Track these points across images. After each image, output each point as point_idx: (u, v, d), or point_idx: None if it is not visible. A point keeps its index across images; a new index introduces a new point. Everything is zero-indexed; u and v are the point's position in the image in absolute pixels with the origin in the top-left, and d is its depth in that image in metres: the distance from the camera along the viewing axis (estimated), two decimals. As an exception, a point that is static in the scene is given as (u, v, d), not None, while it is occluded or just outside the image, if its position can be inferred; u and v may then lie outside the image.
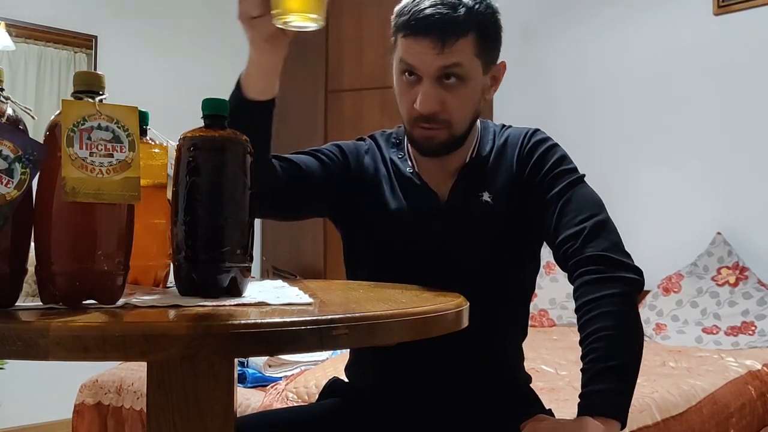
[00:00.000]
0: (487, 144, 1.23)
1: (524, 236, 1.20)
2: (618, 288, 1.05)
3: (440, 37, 1.08)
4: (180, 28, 3.82)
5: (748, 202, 3.17)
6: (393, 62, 1.18)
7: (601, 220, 1.11)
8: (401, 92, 1.16)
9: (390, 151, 1.26)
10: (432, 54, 1.09)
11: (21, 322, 0.64)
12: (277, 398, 1.97)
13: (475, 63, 1.12)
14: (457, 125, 1.14)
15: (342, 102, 3.70)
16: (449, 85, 1.11)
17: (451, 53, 1.09)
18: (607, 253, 1.08)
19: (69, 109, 0.71)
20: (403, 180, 1.22)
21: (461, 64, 1.10)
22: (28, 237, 0.72)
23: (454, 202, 1.20)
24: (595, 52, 3.68)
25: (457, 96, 1.12)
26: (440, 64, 1.09)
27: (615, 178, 3.48)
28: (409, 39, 1.11)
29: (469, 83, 1.13)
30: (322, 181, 1.19)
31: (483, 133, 1.24)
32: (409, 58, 1.11)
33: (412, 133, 1.16)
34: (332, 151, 1.25)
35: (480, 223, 1.19)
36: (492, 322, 1.13)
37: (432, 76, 1.10)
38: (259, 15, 0.97)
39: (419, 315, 0.77)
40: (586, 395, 1.01)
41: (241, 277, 0.82)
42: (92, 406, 2.33)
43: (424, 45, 1.09)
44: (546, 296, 3.43)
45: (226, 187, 0.81)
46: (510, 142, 1.22)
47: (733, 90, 3.23)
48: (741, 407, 2.32)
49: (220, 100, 0.84)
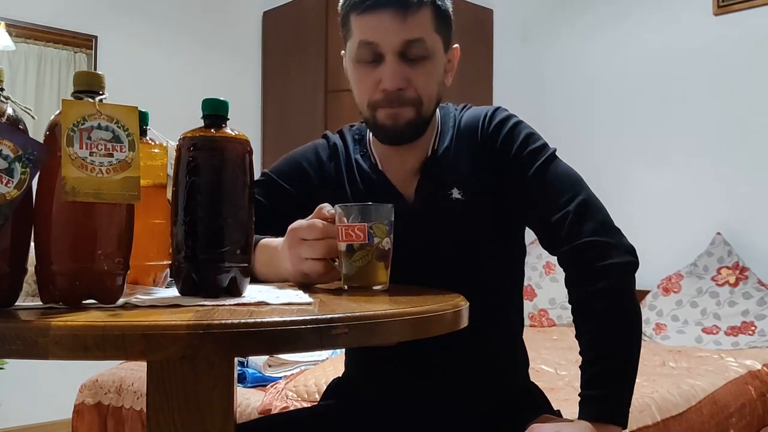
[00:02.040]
0: (447, 133, 1.17)
1: (503, 224, 1.15)
2: (611, 282, 1.03)
3: (400, 7, 1.04)
4: (180, 28, 3.82)
5: (748, 202, 3.17)
6: (346, 53, 1.13)
7: (583, 200, 1.07)
8: (360, 79, 1.10)
9: (354, 148, 1.21)
10: (394, 26, 1.04)
11: (21, 322, 0.64)
12: (277, 398, 1.97)
13: (436, 38, 1.08)
14: (423, 104, 1.09)
15: (342, 102, 3.70)
16: (413, 62, 1.06)
17: (415, 25, 1.04)
18: (596, 237, 1.04)
19: (69, 109, 0.71)
20: (367, 182, 1.17)
21: (424, 39, 1.06)
22: (28, 236, 0.72)
23: (421, 203, 1.14)
24: (595, 52, 3.68)
25: (422, 72, 1.07)
26: (404, 37, 1.05)
27: (615, 178, 3.49)
28: (366, 15, 1.05)
29: (434, 59, 1.08)
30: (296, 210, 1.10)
31: (443, 121, 1.18)
32: (369, 35, 1.06)
33: (376, 118, 1.10)
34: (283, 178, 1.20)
35: (455, 224, 1.13)
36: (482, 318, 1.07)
37: (395, 51, 1.05)
38: (314, 272, 0.97)
39: (419, 314, 0.76)
40: (586, 400, 1.01)
41: (241, 276, 0.82)
42: (92, 406, 2.33)
43: (384, 18, 1.04)
44: (546, 296, 3.43)
45: (226, 187, 0.81)
46: (470, 125, 1.16)
47: (733, 90, 3.23)
48: (741, 407, 2.32)
49: (220, 100, 0.84)
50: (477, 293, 0.94)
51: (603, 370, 1.01)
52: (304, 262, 0.97)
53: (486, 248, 1.15)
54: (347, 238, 0.94)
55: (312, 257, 0.96)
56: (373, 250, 0.94)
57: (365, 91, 1.10)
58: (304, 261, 0.97)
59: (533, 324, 3.43)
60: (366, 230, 0.93)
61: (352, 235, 0.94)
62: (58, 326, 0.60)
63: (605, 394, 1.00)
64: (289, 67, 3.99)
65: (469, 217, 1.13)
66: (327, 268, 0.97)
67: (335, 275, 0.98)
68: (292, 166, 1.22)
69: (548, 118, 3.78)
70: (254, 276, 1.04)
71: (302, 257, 0.97)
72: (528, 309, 3.44)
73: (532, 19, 3.93)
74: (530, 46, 3.93)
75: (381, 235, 0.94)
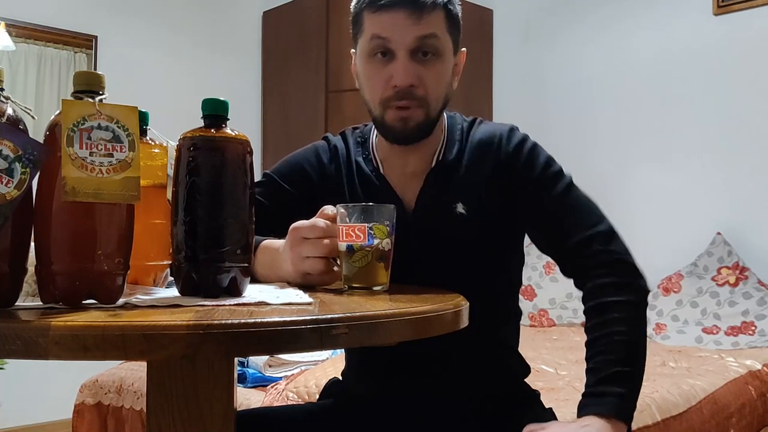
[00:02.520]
0: (455, 144, 1.16)
1: (504, 239, 1.17)
2: (634, 296, 1.07)
3: (415, 7, 1.05)
4: (180, 28, 3.82)
5: (748, 202, 3.18)
6: (357, 51, 1.14)
7: (610, 226, 1.11)
8: (371, 75, 1.11)
9: (356, 150, 1.21)
10: (408, 23, 1.06)
11: (21, 322, 0.64)
12: (277, 398, 1.97)
13: (447, 39, 1.10)
14: (432, 104, 1.10)
15: (342, 102, 3.70)
16: (425, 60, 1.08)
17: (428, 23, 1.06)
18: (624, 257, 1.09)
19: (69, 109, 0.71)
20: (367, 185, 1.17)
21: (437, 35, 1.08)
22: (28, 237, 0.72)
23: (422, 211, 1.14)
24: (595, 52, 3.68)
25: (433, 71, 1.08)
26: (417, 33, 1.06)
27: (615, 178, 3.49)
28: (381, 13, 1.07)
29: (444, 59, 1.10)
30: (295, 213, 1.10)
31: (450, 130, 1.18)
32: (382, 31, 1.07)
33: (384, 118, 1.10)
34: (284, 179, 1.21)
35: (454, 238, 1.13)
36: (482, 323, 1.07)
37: (408, 48, 1.07)
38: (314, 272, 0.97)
39: (419, 314, 0.77)
40: (597, 395, 1.01)
41: (241, 276, 0.82)
42: (92, 406, 2.33)
43: (398, 16, 1.06)
44: (546, 296, 3.43)
45: (226, 187, 0.81)
46: (484, 141, 1.16)
47: (733, 90, 3.23)
48: (741, 407, 2.32)
49: (220, 100, 0.84)
50: (473, 300, 0.94)
51: (621, 372, 1.02)
52: (305, 261, 0.97)
53: (484, 260, 1.16)
54: (347, 238, 0.94)
55: (313, 255, 0.96)
56: (373, 251, 0.94)
57: (376, 87, 1.10)
58: (305, 260, 0.97)
59: (533, 324, 3.44)
60: (366, 231, 0.94)
61: (352, 236, 0.94)
62: (58, 326, 0.60)
63: (620, 392, 1.00)
64: (289, 67, 3.99)
65: (470, 233, 1.13)
66: (328, 267, 0.97)
67: (336, 276, 0.98)
68: (293, 168, 1.23)
69: (548, 118, 3.79)
70: (255, 277, 1.04)
71: (303, 256, 0.97)
72: (528, 309, 3.44)
73: (533, 19, 3.93)
74: (530, 46, 3.93)
75: (381, 236, 0.95)
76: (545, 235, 1.15)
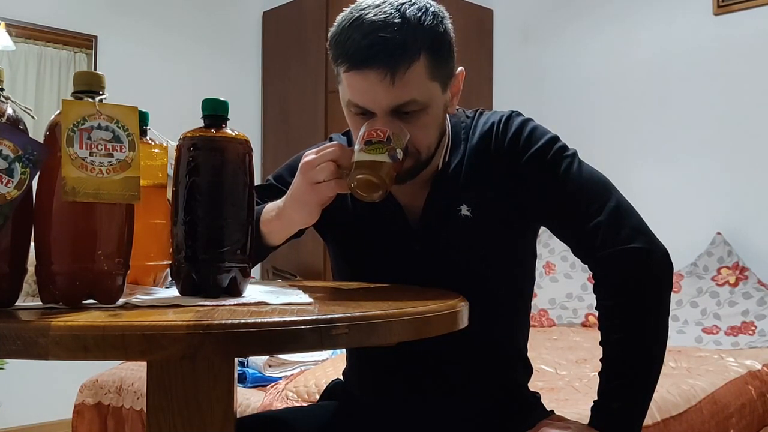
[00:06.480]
0: (459, 145, 1.11)
1: (513, 236, 1.13)
2: (648, 292, 1.02)
3: (388, 66, 0.95)
4: (180, 28, 3.82)
5: (748, 202, 3.17)
6: (339, 92, 1.06)
7: (614, 207, 1.04)
8: (352, 125, 1.06)
9: None
10: (381, 88, 0.96)
11: (21, 322, 0.64)
12: (277, 398, 1.97)
13: (432, 87, 1.00)
14: (423, 152, 1.04)
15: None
16: (407, 117, 1.00)
17: (404, 86, 0.96)
18: (632, 244, 1.02)
19: (69, 109, 0.71)
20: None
21: (416, 99, 0.98)
22: (28, 237, 0.72)
23: (427, 217, 1.10)
24: (595, 52, 3.68)
25: (417, 126, 1.01)
26: (392, 102, 0.98)
27: (614, 178, 3.45)
28: (352, 74, 0.98)
29: (430, 110, 1.01)
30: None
31: (454, 132, 1.13)
32: (356, 97, 1.00)
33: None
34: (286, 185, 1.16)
35: (461, 240, 1.10)
36: (488, 326, 1.09)
37: (385, 112, 0.99)
38: (325, 180, 0.97)
39: (419, 315, 0.77)
40: (605, 410, 1.00)
41: (241, 276, 0.82)
42: (92, 406, 2.33)
43: (371, 79, 0.96)
44: (546, 296, 3.43)
45: (226, 187, 0.81)
46: (483, 135, 1.10)
47: (733, 90, 3.23)
48: (741, 407, 2.32)
49: (220, 100, 0.84)
50: (479, 303, 0.93)
51: (631, 388, 1.00)
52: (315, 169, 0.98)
53: (491, 261, 1.12)
54: (368, 136, 0.97)
55: (324, 160, 0.98)
56: (388, 148, 0.97)
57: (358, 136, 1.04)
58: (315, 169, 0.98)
59: (533, 324, 3.43)
60: (387, 133, 0.97)
61: (374, 134, 0.97)
62: (58, 326, 0.60)
63: (628, 408, 0.99)
64: (289, 67, 3.99)
65: (477, 234, 1.10)
66: (339, 174, 0.97)
67: (344, 186, 0.98)
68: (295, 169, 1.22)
69: (548, 118, 3.77)
70: (263, 242, 1.05)
71: (314, 165, 0.98)
72: (528, 309, 3.44)
73: (532, 19, 3.93)
74: (530, 46, 3.93)
75: (398, 144, 0.98)
76: (553, 223, 1.10)
